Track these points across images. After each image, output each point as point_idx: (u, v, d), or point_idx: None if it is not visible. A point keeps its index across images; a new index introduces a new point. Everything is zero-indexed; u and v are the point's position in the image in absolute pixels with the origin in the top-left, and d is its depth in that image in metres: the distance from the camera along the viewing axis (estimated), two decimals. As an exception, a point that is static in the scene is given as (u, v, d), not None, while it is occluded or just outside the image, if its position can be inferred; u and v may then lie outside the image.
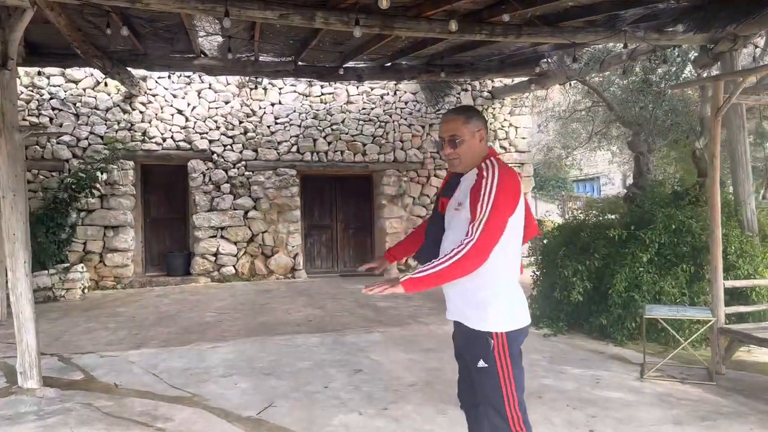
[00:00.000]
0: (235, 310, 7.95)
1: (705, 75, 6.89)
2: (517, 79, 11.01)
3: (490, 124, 11.66)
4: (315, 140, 10.89)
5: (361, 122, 11.10)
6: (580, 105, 10.49)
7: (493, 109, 11.71)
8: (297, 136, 10.83)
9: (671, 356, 5.01)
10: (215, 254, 10.39)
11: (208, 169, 10.42)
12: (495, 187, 2.23)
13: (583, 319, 6.60)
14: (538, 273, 7.47)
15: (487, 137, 2.45)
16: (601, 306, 6.43)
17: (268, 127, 10.74)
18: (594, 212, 7.68)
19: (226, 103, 10.63)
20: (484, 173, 2.29)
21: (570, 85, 9.24)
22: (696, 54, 7.99)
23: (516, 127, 11.87)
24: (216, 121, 10.54)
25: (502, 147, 11.74)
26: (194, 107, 10.53)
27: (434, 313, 7.47)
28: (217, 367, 5.24)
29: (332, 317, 7.33)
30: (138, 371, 5.15)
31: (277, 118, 10.80)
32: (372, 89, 11.21)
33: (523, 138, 11.92)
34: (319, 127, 10.92)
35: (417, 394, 4.46)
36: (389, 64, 9.21)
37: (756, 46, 6.50)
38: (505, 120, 11.81)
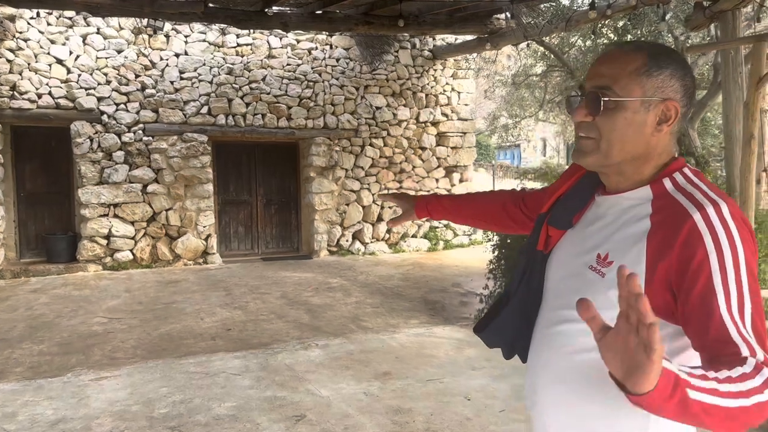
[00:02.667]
0: (131, 312, 6.38)
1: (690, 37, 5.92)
2: (461, 38, 9.81)
3: (431, 87, 10.42)
4: (230, 100, 9.24)
5: (285, 81, 9.52)
6: (532, 69, 9.43)
7: (434, 71, 10.44)
8: (208, 94, 9.13)
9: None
10: (107, 237, 8.63)
11: (96, 132, 8.55)
12: (742, 251, 1.02)
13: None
14: (496, 263, 6.45)
15: (680, 124, 1.17)
16: (581, 308, 5.51)
17: (172, 83, 8.96)
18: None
19: (119, 52, 8.74)
20: (695, 216, 1.03)
21: (528, 45, 8.12)
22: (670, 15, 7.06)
23: (458, 92, 10.69)
24: (106, 75, 8.64)
25: (444, 114, 10.55)
26: (78, 56, 8.57)
27: (379, 314, 6.26)
28: (101, 416, 3.78)
29: (257, 323, 5.95)
30: (-16, 428, 3.62)
31: (183, 73, 9.03)
32: (298, 42, 9.63)
33: (466, 104, 10.77)
34: (234, 85, 9.25)
35: (387, 460, 3.25)
36: (321, 12, 7.72)
37: (761, 4, 5.59)
38: (447, 84, 10.58)
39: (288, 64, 9.56)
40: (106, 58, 8.65)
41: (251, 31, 9.22)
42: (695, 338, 1.03)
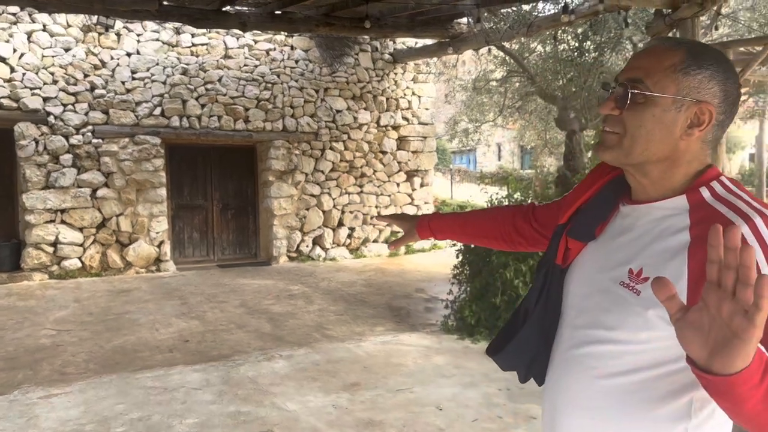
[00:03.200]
0: (81, 323, 6.05)
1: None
2: (421, 42, 9.77)
3: (392, 91, 10.34)
4: (185, 102, 8.93)
5: (242, 82, 9.27)
6: (492, 74, 9.47)
7: (395, 74, 10.37)
8: (161, 95, 8.80)
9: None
10: (54, 244, 8.20)
11: (42, 134, 8.12)
12: None
13: (526, 329, 5.63)
14: (460, 268, 6.42)
15: (715, 132, 1.07)
16: (547, 313, 5.51)
17: (123, 83, 8.60)
18: (519, 196, 6.73)
19: (67, 50, 8.33)
20: (743, 229, 0.94)
21: (489, 51, 8.14)
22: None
23: (419, 96, 10.64)
24: (53, 74, 8.22)
25: (404, 118, 10.48)
26: (22, 54, 8.12)
27: (344, 322, 6.12)
28: (50, 438, 3.53)
29: (216, 333, 5.72)
30: None
31: (135, 72, 8.68)
32: (256, 42, 9.39)
33: (427, 109, 10.73)
34: (189, 86, 8.95)
35: (361, 477, 3.12)
36: (280, 12, 7.54)
37: (719, 13, 5.72)
38: (407, 87, 10.52)
39: (245, 65, 9.32)
40: (53, 56, 8.23)
41: (207, 30, 8.94)
42: None
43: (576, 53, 7.31)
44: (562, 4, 5.13)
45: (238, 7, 7.35)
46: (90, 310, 6.57)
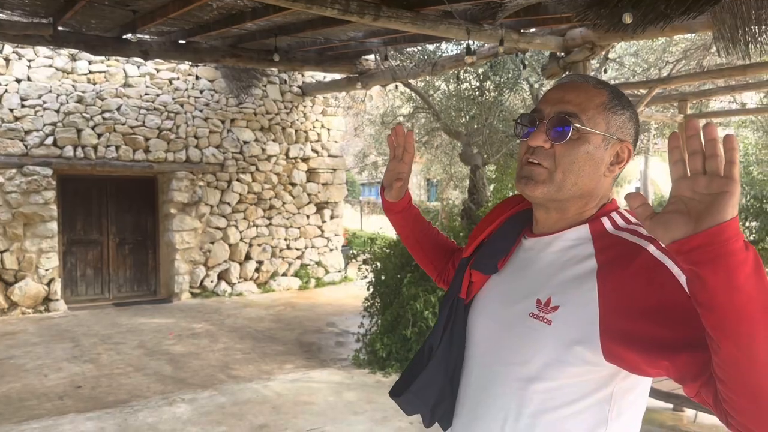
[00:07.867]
0: (-45, 372, 5.47)
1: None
2: (330, 76, 9.85)
3: (301, 123, 10.30)
4: (80, 131, 8.45)
5: (143, 111, 8.90)
6: (399, 110, 9.68)
7: (304, 107, 10.35)
8: (54, 124, 8.28)
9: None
10: (-75, 284, 7.42)
11: None
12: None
13: (435, 361, 5.68)
14: (371, 301, 6.44)
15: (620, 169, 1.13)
16: (456, 345, 5.60)
17: (12, 110, 8.02)
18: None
19: (-54, 73, 7.70)
20: (649, 248, 0.98)
21: (396, 87, 8.33)
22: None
23: (328, 129, 10.67)
24: (-72, 98, 7.56)
25: (314, 150, 10.44)
26: None
27: (251, 360, 5.91)
28: None
29: (111, 378, 5.35)
30: None
31: (25, 100, 8.14)
32: (158, 71, 9.08)
33: (336, 141, 10.77)
34: (85, 114, 8.49)
35: None
36: (184, 41, 7.36)
37: (607, 57, 6.18)
38: (316, 120, 10.52)
39: (146, 94, 8.97)
40: (-71, 79, 7.57)
41: (106, 57, 8.57)
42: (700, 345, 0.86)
43: (477, 92, 7.62)
44: (465, 46, 5.34)
45: (139, 35, 7.11)
46: (-34, 357, 5.97)
